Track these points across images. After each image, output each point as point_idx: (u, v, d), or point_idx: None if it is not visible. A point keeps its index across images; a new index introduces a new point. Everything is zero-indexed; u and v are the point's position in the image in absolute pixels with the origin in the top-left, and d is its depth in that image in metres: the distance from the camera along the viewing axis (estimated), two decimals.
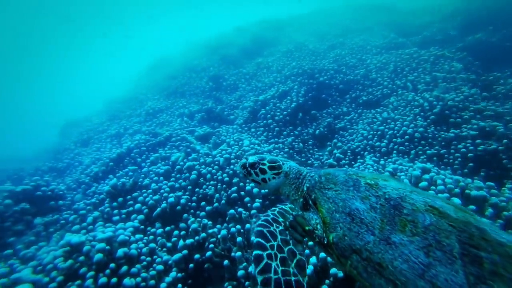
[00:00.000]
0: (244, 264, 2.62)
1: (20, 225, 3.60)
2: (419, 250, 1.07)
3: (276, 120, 5.93)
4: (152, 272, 2.67)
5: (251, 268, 2.53)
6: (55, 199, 4.30)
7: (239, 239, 2.79)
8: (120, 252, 2.68)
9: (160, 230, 3.45)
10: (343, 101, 6.63)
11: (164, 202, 3.80)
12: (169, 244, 3.19)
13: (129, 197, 4.13)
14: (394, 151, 4.44)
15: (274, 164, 1.93)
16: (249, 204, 3.58)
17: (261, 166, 1.93)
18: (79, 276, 2.50)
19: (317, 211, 1.49)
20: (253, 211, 3.35)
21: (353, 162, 4.70)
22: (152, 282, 2.57)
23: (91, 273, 2.49)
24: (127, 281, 2.45)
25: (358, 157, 4.78)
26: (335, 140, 5.38)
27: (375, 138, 4.87)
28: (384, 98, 6.00)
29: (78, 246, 2.77)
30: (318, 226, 1.47)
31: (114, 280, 2.46)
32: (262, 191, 3.64)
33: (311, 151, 5.47)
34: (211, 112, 7.26)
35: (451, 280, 0.96)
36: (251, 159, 2.00)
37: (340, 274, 2.04)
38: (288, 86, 6.85)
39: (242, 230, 3.01)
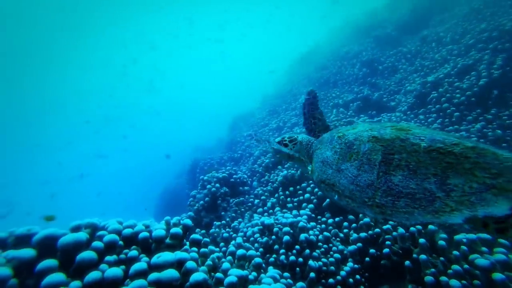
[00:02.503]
0: (432, 270, 2.45)
1: (225, 203, 4.91)
2: (355, 169, 1.65)
3: (455, 104, 4.93)
4: (331, 259, 2.99)
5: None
6: (242, 185, 5.53)
7: (422, 240, 2.63)
8: (302, 236, 3.16)
9: (330, 220, 3.76)
10: None
11: None
12: (341, 235, 3.44)
13: (298, 187, 4.71)
14: None
15: (292, 138, 2.60)
16: None
17: (284, 142, 2.61)
18: (273, 251, 3.17)
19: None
20: None
21: None
22: (332, 268, 2.88)
23: (283, 250, 3.09)
24: (311, 262, 2.88)
25: None
26: None
27: None
28: None
29: (269, 226, 3.50)
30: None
31: (300, 259, 2.95)
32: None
33: None
34: (367, 100, 6.95)
35: (368, 179, 1.55)
36: (277, 139, 2.68)
37: None
38: (472, 59, 5.48)
39: (423, 231, 2.81)
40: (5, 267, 1.22)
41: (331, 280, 2.75)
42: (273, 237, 3.31)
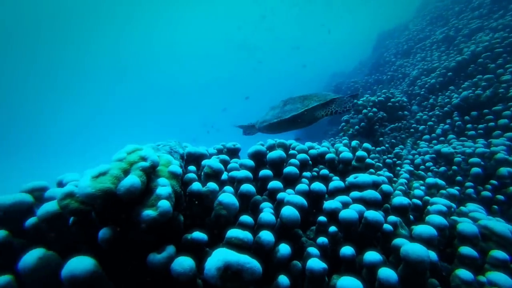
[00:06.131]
0: None
1: (382, 128, 4.45)
2: (273, 111, 3.69)
3: None
4: None
5: None
6: (401, 110, 4.77)
7: None
8: (503, 171, 2.44)
9: None
10: None
11: None
12: None
13: (486, 111, 3.57)
14: None
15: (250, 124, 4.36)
16: None
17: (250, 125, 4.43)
18: (455, 183, 2.65)
19: None
20: None
21: None
22: None
23: (470, 183, 2.53)
24: None
25: None
26: None
27: None
28: None
29: (447, 155, 2.91)
30: None
31: (501, 197, 2.34)
32: None
33: None
34: None
35: (276, 111, 3.55)
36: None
37: None
38: None
39: None
40: (246, 171, 1.47)
41: None
42: (454, 167, 2.74)
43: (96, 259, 0.78)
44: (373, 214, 1.19)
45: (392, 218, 1.27)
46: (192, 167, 1.56)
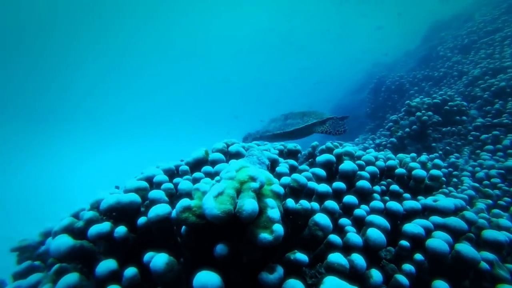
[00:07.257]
0: None
1: (435, 133, 4.15)
2: (275, 123, 4.16)
3: None
4: None
5: None
6: (458, 114, 4.39)
7: None
8: None
9: None
10: None
11: None
12: None
13: None
14: None
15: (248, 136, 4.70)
16: None
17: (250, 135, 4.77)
18: None
19: None
20: None
21: None
22: None
23: None
24: None
25: None
26: None
27: None
28: None
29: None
30: None
31: None
32: None
33: None
34: None
35: (279, 123, 4.07)
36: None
37: None
38: None
39: None
40: (326, 185, 1.46)
41: None
42: None
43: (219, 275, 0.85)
44: (467, 249, 1.13)
45: (487, 255, 1.20)
46: None
